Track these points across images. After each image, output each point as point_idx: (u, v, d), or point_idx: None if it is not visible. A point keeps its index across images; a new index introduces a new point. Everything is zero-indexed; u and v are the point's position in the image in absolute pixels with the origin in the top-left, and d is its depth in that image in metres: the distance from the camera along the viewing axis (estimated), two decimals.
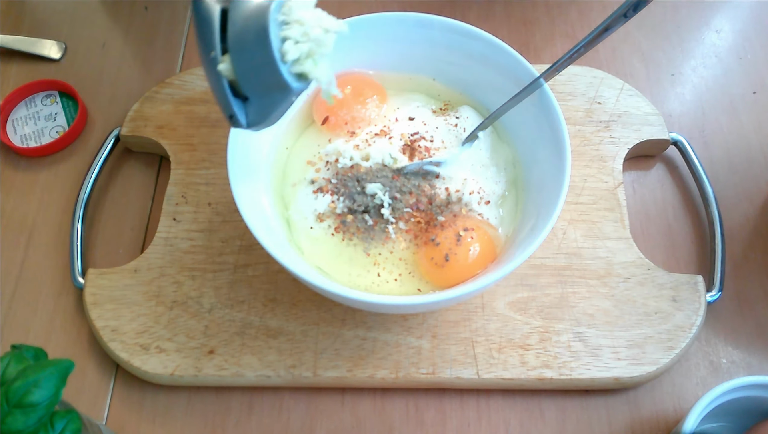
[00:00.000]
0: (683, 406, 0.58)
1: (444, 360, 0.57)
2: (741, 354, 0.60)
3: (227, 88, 0.44)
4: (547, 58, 0.76)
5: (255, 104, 0.44)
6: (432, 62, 0.63)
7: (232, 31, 0.42)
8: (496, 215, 0.58)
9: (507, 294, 0.60)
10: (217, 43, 0.42)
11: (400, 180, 0.57)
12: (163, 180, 0.69)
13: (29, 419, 0.39)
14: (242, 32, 0.41)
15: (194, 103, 0.70)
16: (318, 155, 0.60)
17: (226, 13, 0.42)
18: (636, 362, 0.57)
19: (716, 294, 0.60)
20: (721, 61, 0.76)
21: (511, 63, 0.58)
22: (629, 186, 0.68)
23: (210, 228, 0.64)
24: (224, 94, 0.44)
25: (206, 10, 0.42)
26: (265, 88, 0.43)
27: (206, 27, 0.42)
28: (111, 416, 0.58)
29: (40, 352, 0.43)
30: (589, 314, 0.59)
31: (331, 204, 0.57)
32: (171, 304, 0.60)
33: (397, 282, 0.56)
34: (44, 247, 0.65)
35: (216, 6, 0.42)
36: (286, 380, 0.57)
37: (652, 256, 0.63)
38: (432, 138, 0.60)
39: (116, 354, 0.58)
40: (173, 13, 0.80)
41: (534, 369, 0.57)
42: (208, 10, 0.42)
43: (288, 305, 0.60)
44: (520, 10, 0.80)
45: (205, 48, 0.43)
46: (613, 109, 0.69)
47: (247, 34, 0.41)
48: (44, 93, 0.74)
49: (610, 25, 0.48)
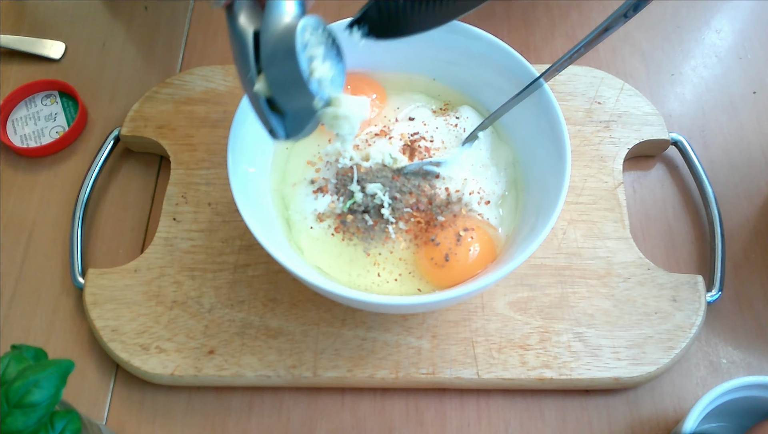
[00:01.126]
0: (683, 406, 0.58)
1: (444, 360, 0.57)
2: (741, 354, 0.60)
3: (265, 105, 0.46)
4: (547, 58, 0.76)
5: (291, 117, 0.47)
6: (432, 62, 0.63)
7: (264, 51, 0.45)
8: (496, 215, 0.58)
9: (507, 294, 0.60)
10: (252, 64, 0.45)
11: (400, 180, 0.57)
12: (163, 180, 0.69)
13: (29, 419, 0.39)
14: (273, 52, 0.44)
15: (194, 103, 0.70)
16: (318, 155, 0.60)
17: (258, 34, 0.45)
18: (636, 362, 0.57)
19: (716, 294, 0.60)
20: (721, 61, 0.76)
21: (511, 63, 0.58)
22: (629, 186, 0.68)
23: (210, 228, 0.64)
24: (262, 111, 0.47)
25: (241, 33, 0.45)
26: (296, 102, 0.46)
27: (242, 49, 0.45)
28: (111, 416, 0.58)
29: (40, 352, 0.43)
30: (589, 314, 0.59)
31: (331, 204, 0.57)
32: (171, 304, 0.60)
33: (397, 282, 0.56)
34: (44, 247, 0.65)
35: (249, 29, 0.45)
36: (286, 380, 0.57)
37: (652, 256, 0.63)
38: (432, 138, 0.60)
39: (116, 354, 0.58)
40: (173, 13, 0.80)
41: (534, 369, 0.57)
42: (243, 34, 0.45)
43: (288, 305, 0.60)
44: (520, 10, 0.80)
45: (243, 69, 0.46)
46: (613, 109, 0.69)
47: (277, 52, 0.44)
48: (44, 93, 0.74)
49: (610, 25, 0.48)
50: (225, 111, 0.70)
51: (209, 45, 0.78)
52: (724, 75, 0.75)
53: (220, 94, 0.71)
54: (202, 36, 0.79)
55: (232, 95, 0.70)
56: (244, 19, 0.45)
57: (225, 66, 0.72)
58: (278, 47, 0.44)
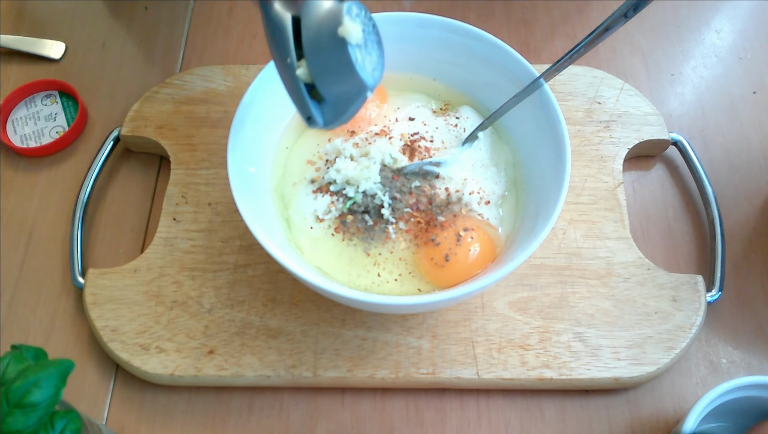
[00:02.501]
0: (683, 406, 0.58)
1: (444, 360, 0.57)
2: (741, 354, 0.60)
3: (305, 92, 0.45)
4: (547, 58, 0.76)
5: (331, 104, 0.46)
6: (432, 62, 0.63)
7: (307, 36, 0.43)
8: (496, 215, 0.58)
9: (507, 294, 0.60)
10: (292, 49, 0.44)
11: (400, 180, 0.57)
12: (163, 180, 0.69)
13: (29, 419, 0.39)
14: (317, 36, 0.43)
15: (194, 103, 0.70)
16: (318, 154, 0.61)
17: (296, 20, 0.44)
18: (636, 362, 0.57)
19: (716, 294, 0.60)
20: (721, 61, 0.76)
21: (511, 63, 0.58)
22: (629, 186, 0.68)
23: (210, 228, 0.64)
24: (302, 97, 0.45)
25: (278, 18, 0.44)
26: (341, 88, 0.45)
27: (280, 35, 0.44)
28: (111, 416, 0.58)
29: (40, 352, 0.43)
30: (589, 314, 0.59)
31: (331, 204, 0.57)
32: (171, 304, 0.60)
33: (397, 283, 0.56)
34: (44, 247, 0.65)
35: (287, 14, 0.44)
36: (286, 380, 0.57)
37: (652, 256, 0.63)
38: (432, 138, 0.60)
39: (116, 354, 0.58)
40: (173, 13, 0.80)
41: (534, 369, 0.57)
42: (280, 19, 0.44)
43: (288, 305, 0.60)
44: (520, 10, 0.80)
45: (281, 55, 0.45)
46: (613, 109, 0.69)
47: (322, 37, 0.43)
48: (44, 93, 0.74)
49: (610, 25, 0.48)
50: (225, 111, 0.70)
51: (209, 45, 0.78)
52: (724, 75, 0.75)
53: (220, 94, 0.71)
54: (202, 36, 0.79)
55: (232, 95, 0.70)
56: (279, 5, 0.44)
57: (225, 66, 0.72)
58: (323, 32, 0.43)
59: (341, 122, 0.47)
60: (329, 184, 0.58)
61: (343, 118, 0.47)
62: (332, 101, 0.46)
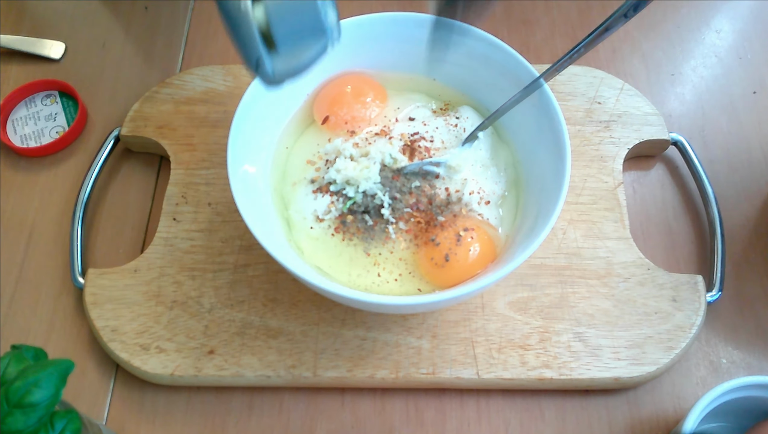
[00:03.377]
0: (683, 406, 0.58)
1: (444, 360, 0.57)
2: (741, 354, 0.60)
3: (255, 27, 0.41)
4: (547, 58, 0.75)
5: (284, 54, 0.42)
6: (432, 62, 0.62)
7: None
8: (496, 215, 0.58)
9: (507, 294, 0.60)
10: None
11: (400, 180, 0.57)
12: (163, 180, 0.69)
13: (29, 419, 0.39)
14: None
15: (194, 103, 0.70)
16: (318, 154, 0.60)
17: None
18: (636, 362, 0.57)
19: (716, 294, 0.60)
20: (721, 61, 0.76)
21: (511, 63, 0.58)
22: (629, 186, 0.68)
23: (210, 228, 0.64)
24: (253, 36, 0.41)
25: None
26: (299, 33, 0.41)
27: None
28: (111, 416, 0.58)
29: (40, 352, 0.43)
30: (589, 314, 0.59)
31: (331, 204, 0.57)
32: (171, 304, 0.60)
33: (397, 283, 0.56)
34: (44, 247, 0.65)
35: None
36: (286, 380, 0.57)
37: (652, 256, 0.63)
38: (432, 138, 0.60)
39: (116, 354, 0.58)
40: (173, 13, 0.80)
41: (534, 369, 0.57)
42: None
43: (288, 305, 0.60)
44: (520, 10, 0.80)
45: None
46: (613, 109, 0.69)
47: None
48: (44, 93, 0.74)
49: (610, 25, 0.48)
50: (225, 111, 0.70)
51: (209, 45, 0.78)
52: (724, 75, 0.75)
53: (220, 94, 0.71)
54: (202, 36, 0.79)
55: (232, 95, 0.70)
56: None
57: (225, 66, 0.72)
58: None
59: (292, 75, 0.44)
60: (329, 184, 0.58)
61: (296, 69, 0.44)
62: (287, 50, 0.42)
